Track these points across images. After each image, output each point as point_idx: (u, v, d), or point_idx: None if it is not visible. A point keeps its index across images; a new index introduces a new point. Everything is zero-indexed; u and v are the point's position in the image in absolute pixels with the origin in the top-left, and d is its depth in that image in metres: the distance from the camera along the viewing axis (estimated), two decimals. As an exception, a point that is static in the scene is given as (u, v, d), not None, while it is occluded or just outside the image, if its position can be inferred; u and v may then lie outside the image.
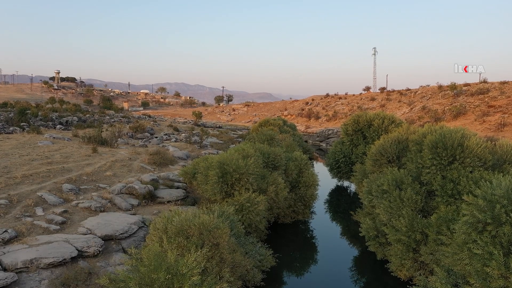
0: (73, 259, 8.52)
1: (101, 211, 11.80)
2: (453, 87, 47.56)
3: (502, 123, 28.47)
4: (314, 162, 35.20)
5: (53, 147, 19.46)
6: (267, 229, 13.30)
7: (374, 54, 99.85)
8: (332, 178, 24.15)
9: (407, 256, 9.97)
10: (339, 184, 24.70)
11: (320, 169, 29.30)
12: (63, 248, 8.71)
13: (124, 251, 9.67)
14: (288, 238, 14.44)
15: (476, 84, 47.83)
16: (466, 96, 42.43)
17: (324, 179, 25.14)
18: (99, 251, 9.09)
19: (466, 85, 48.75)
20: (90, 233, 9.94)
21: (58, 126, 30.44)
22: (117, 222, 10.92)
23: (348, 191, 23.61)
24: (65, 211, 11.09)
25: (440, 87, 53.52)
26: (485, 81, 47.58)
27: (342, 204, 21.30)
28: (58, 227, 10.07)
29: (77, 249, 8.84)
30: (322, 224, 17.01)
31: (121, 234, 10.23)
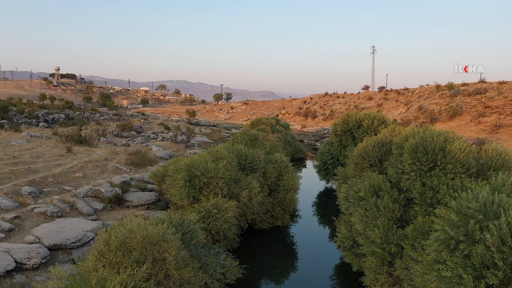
0: (9, 273, 7.75)
1: (58, 217, 11.02)
2: (450, 86, 46.58)
3: (497, 124, 27.58)
4: (308, 162, 34.45)
5: (26, 146, 18.67)
6: (240, 236, 12.52)
7: (373, 53, 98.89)
8: (321, 180, 23.37)
9: (382, 270, 9.18)
10: (327, 186, 23.92)
11: (312, 170, 28.53)
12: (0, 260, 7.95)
13: (74, 262, 8.93)
14: (264, 245, 13.65)
15: (474, 84, 46.87)
16: (463, 96, 41.49)
17: (315, 180, 24.40)
18: (41, 262, 8.32)
19: (464, 84, 47.78)
20: (37, 242, 9.18)
21: (41, 124, 29.65)
22: (72, 229, 10.16)
23: (335, 193, 22.79)
24: (16, 217, 10.32)
25: (438, 86, 52.53)
26: (483, 81, 46.61)
27: (329, 207, 20.47)
28: (3, 235, 9.30)
29: (15, 261, 8.07)
30: (304, 229, 16.21)
31: (72, 243, 9.46)
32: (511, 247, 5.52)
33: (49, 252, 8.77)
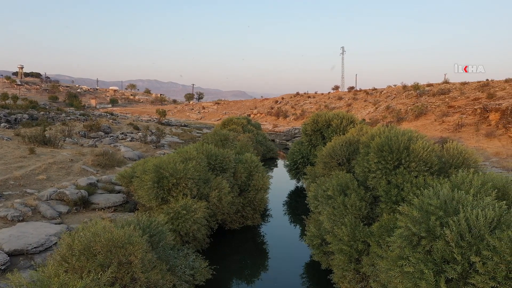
0: (-36, 281, 7.39)
1: (19, 221, 10.59)
2: (416, 87, 48.17)
3: (459, 123, 28.74)
4: (279, 161, 34.64)
5: (-14, 148, 17.88)
6: (210, 236, 12.45)
7: (342, 54, 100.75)
8: (291, 179, 23.57)
9: (349, 267, 9.34)
10: (298, 185, 24.15)
11: (283, 169, 28.72)
12: (-45, 268, 7.57)
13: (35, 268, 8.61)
14: (235, 246, 13.61)
15: (439, 84, 48.64)
16: (428, 96, 42.97)
17: (286, 179, 24.57)
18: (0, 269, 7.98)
19: (429, 85, 49.51)
20: (-4, 248, 8.79)
21: (2, 124, 28.43)
22: (34, 233, 9.78)
23: (306, 192, 23.05)
24: (-26, 222, 9.85)
25: (404, 87, 54.18)
26: (447, 82, 48.45)
27: (300, 206, 20.67)
28: (-41, 241, 8.85)
29: (-28, 269, 7.71)
30: (275, 228, 16.27)
31: (34, 248, 9.11)
32: (469, 242, 5.74)
33: (9, 258, 8.43)
